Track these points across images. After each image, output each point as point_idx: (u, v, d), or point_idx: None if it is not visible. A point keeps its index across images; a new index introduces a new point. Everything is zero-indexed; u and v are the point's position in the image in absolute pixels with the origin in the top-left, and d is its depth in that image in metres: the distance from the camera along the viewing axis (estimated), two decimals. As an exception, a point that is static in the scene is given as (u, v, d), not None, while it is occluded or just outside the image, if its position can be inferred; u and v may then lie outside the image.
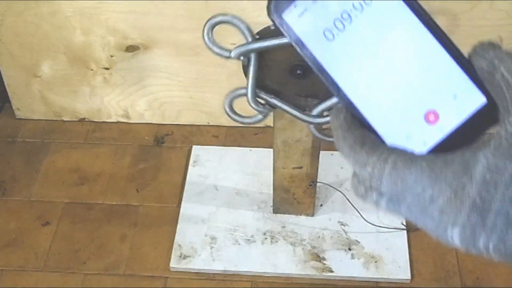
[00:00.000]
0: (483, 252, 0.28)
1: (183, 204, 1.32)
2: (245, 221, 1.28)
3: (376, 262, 1.21)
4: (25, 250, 1.26)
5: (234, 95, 0.84)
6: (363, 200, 0.31)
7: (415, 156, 0.30)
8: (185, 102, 1.45)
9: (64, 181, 1.38)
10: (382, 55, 0.31)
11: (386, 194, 0.30)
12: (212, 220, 1.28)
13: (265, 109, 0.85)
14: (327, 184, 1.30)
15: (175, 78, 1.40)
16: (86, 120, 1.51)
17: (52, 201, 1.34)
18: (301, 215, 1.28)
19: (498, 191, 0.27)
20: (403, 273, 1.20)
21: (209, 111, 1.46)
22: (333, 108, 0.33)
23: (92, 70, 1.40)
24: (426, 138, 0.31)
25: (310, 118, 0.82)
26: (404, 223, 1.26)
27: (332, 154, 1.31)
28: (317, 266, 1.21)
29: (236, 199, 1.32)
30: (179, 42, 1.32)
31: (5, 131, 1.50)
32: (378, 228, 1.25)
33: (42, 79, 1.43)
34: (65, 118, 1.51)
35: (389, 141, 0.31)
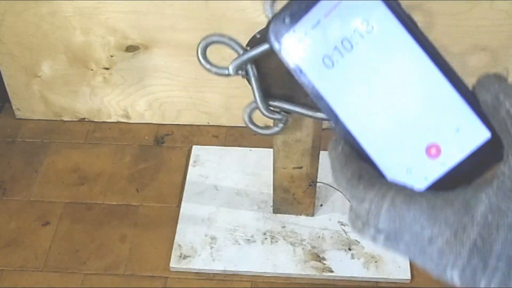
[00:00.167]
0: None
1: (183, 204, 1.32)
2: (245, 221, 1.28)
3: (376, 262, 1.21)
4: (25, 250, 1.26)
5: (251, 109, 0.86)
6: (360, 235, 0.30)
7: (415, 193, 0.29)
8: (185, 102, 1.45)
9: (64, 181, 1.38)
10: (383, 85, 0.30)
11: (384, 231, 0.29)
12: (212, 220, 1.28)
13: (282, 116, 0.86)
14: (327, 184, 1.30)
15: (175, 78, 1.40)
16: (86, 120, 1.51)
17: (52, 201, 1.34)
18: (301, 215, 1.28)
19: (500, 233, 0.26)
20: (403, 273, 1.20)
21: (209, 111, 1.46)
22: (331, 139, 0.32)
23: (92, 70, 1.40)
24: (427, 173, 0.30)
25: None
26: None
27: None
28: (317, 266, 1.21)
29: (236, 199, 1.32)
30: (179, 42, 1.32)
31: (5, 131, 1.50)
32: (378, 228, 1.25)
33: (42, 79, 1.43)
34: (65, 118, 1.51)
35: (389, 175, 0.30)
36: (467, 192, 0.28)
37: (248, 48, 0.83)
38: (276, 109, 0.86)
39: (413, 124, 0.30)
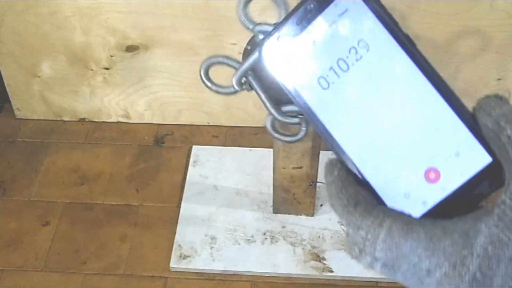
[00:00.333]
0: None
1: (183, 204, 1.32)
2: (245, 221, 1.28)
3: (376, 262, 1.21)
4: (25, 250, 1.26)
5: (270, 120, 0.88)
6: (357, 261, 0.29)
7: (413, 221, 0.28)
8: (185, 102, 1.45)
9: (64, 181, 1.38)
10: (380, 107, 0.29)
11: (381, 260, 0.28)
12: (212, 220, 1.28)
13: (300, 119, 0.87)
14: (327, 184, 1.30)
15: (175, 78, 1.40)
16: (86, 120, 1.51)
17: (52, 201, 1.34)
18: (301, 215, 1.28)
19: (501, 266, 0.25)
20: (403, 273, 1.20)
21: (209, 111, 1.46)
22: (327, 162, 0.31)
23: (92, 70, 1.40)
24: (426, 198, 0.29)
25: None
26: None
27: (333, 154, 1.31)
28: (317, 266, 1.21)
29: (236, 199, 1.32)
30: (179, 42, 1.32)
31: (5, 131, 1.50)
32: (378, 228, 1.25)
33: (42, 79, 1.43)
34: (65, 118, 1.51)
35: (387, 199, 0.29)
36: (467, 222, 0.27)
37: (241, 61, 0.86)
38: (292, 114, 0.87)
39: (412, 148, 0.29)
